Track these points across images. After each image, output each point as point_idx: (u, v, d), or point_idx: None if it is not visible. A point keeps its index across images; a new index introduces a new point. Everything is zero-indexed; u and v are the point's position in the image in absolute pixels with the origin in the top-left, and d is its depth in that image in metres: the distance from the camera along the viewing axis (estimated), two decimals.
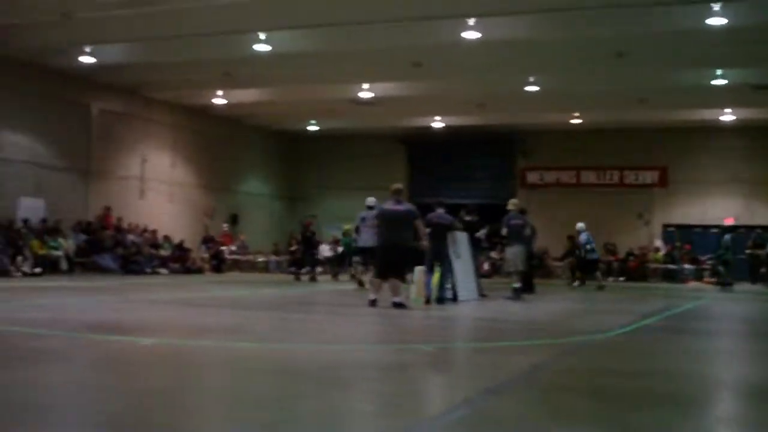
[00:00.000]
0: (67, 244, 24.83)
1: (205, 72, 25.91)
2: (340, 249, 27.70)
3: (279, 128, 36.65)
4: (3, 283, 18.80)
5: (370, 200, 19.36)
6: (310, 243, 26.07)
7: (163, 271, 27.10)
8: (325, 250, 30.58)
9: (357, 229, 19.83)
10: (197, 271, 28.52)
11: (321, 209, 35.44)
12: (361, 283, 19.80)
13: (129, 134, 29.17)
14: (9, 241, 22.80)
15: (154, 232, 28.83)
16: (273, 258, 32.62)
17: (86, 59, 23.83)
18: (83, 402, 5.46)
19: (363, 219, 19.25)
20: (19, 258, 22.50)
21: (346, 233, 25.61)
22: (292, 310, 13.57)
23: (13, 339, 8.55)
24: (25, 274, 21.94)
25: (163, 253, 28.31)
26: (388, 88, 27.72)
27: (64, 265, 24.16)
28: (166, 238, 28.94)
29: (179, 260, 28.48)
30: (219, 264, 30.20)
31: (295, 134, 37.79)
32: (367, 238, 18.57)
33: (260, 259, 32.55)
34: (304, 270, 25.70)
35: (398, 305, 13.12)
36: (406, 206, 14.04)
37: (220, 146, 33.34)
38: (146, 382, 6.19)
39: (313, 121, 35.22)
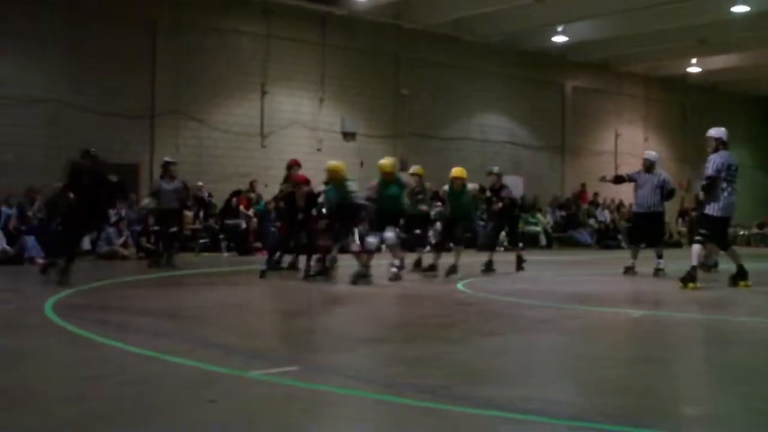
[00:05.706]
0: (545, 219, 25.73)
1: (679, 40, 25.26)
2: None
3: (760, 94, 34.50)
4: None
5: (652, 154, 13.74)
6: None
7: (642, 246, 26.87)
8: None
9: (634, 182, 13.49)
10: (675, 245, 27.85)
11: None
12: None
13: (601, 110, 29.46)
14: None
15: (629, 206, 28.81)
16: (755, 231, 30.87)
17: (559, 38, 24.47)
18: (568, 367, 5.61)
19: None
20: None
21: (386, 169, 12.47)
22: None
23: (512, 308, 9.09)
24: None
25: None
26: None
27: (542, 240, 25.05)
28: None
29: None
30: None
31: None
32: (646, 199, 13.29)
33: (741, 232, 30.96)
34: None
35: None
36: None
37: (695, 117, 32.13)
38: (638, 352, 6.23)
39: None
